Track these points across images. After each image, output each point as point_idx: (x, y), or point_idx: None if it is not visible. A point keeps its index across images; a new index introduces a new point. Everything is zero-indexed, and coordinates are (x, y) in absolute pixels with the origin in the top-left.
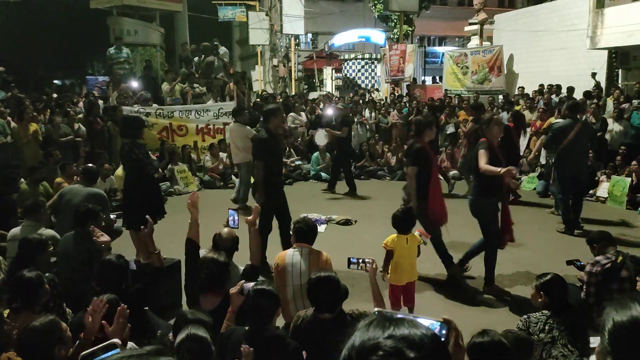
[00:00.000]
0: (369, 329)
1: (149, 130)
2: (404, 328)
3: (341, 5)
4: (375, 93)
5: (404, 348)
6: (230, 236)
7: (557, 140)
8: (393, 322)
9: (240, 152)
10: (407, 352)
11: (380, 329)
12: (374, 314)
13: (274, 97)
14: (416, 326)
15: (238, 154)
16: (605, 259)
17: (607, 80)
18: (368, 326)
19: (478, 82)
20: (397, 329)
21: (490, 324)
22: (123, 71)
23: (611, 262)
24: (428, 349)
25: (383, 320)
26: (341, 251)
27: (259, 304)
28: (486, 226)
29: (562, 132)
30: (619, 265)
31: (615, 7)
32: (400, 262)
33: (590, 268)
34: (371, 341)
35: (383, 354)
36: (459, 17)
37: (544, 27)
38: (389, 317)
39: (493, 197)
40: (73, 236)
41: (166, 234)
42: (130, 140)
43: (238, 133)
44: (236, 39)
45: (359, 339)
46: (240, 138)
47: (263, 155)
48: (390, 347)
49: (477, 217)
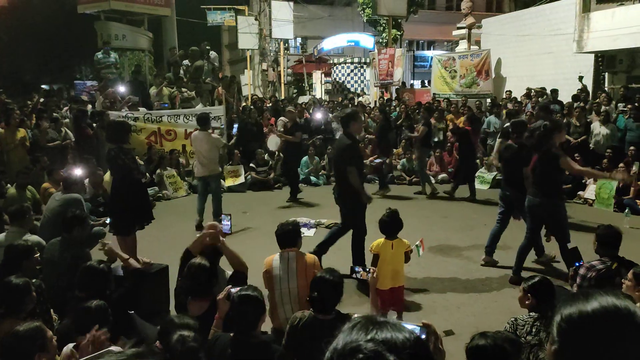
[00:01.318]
0: (352, 331)
1: (137, 135)
2: (387, 332)
3: (330, 10)
4: (364, 97)
5: (384, 351)
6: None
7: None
8: (377, 326)
9: (210, 164)
10: (386, 355)
11: (364, 331)
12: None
13: (263, 101)
14: (400, 330)
15: (207, 165)
16: (601, 263)
17: (593, 83)
18: (352, 329)
19: (466, 86)
20: (380, 332)
21: (479, 326)
22: (111, 75)
23: (606, 268)
24: (408, 352)
25: (367, 324)
26: (330, 255)
27: (244, 310)
28: (563, 224)
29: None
30: (614, 271)
31: (601, 12)
32: (383, 267)
33: (585, 272)
34: (353, 344)
35: (363, 356)
36: (447, 21)
37: (531, 31)
38: (374, 320)
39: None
40: (59, 242)
41: (154, 239)
42: (116, 145)
43: (206, 142)
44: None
45: (342, 341)
46: (208, 148)
47: (354, 160)
48: (370, 350)
49: (551, 217)
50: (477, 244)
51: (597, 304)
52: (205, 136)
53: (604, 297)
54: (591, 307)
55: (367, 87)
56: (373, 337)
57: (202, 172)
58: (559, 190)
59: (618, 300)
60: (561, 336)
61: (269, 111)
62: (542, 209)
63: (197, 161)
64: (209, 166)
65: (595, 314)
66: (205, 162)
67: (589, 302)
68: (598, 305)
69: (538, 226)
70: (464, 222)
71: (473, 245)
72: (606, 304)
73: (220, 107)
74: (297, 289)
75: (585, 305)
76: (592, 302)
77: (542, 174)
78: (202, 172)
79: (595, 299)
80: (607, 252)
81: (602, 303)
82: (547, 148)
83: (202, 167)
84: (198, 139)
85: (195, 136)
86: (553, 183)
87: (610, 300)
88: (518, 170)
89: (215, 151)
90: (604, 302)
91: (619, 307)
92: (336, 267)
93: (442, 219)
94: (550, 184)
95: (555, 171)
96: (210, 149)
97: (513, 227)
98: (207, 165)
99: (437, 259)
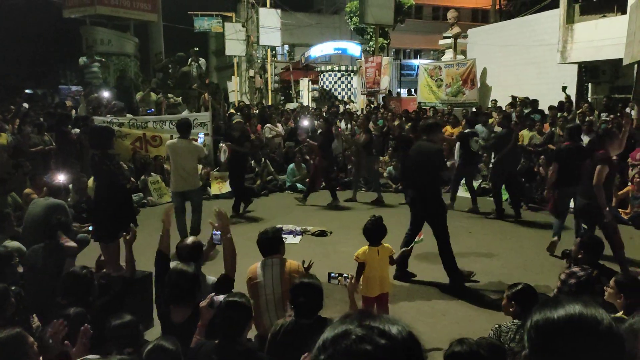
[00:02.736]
0: (344, 321)
1: (122, 141)
2: (379, 323)
3: (317, 18)
4: (351, 104)
5: (375, 335)
6: (192, 244)
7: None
8: (370, 317)
9: (190, 177)
10: (377, 339)
11: (356, 320)
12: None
13: (249, 107)
14: (394, 323)
15: (187, 179)
16: (582, 270)
17: (577, 94)
18: (343, 319)
19: (452, 95)
20: (372, 322)
21: (463, 333)
22: (96, 81)
23: (587, 275)
24: (401, 340)
25: (360, 315)
26: (316, 262)
27: (231, 317)
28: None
29: (501, 139)
30: (594, 278)
31: (584, 23)
32: (371, 274)
33: (566, 278)
34: (343, 330)
35: (355, 338)
36: (434, 30)
37: (516, 41)
38: (367, 312)
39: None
40: (42, 249)
41: (138, 246)
42: (100, 151)
43: (188, 152)
44: (212, 49)
45: (333, 330)
46: (190, 158)
47: (444, 165)
48: (361, 333)
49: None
50: (462, 252)
51: (564, 312)
52: (187, 145)
53: (572, 305)
54: (557, 314)
55: (355, 94)
56: (364, 324)
57: (182, 187)
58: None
59: (585, 308)
60: (530, 342)
61: (255, 118)
62: (590, 209)
63: (174, 173)
64: (189, 180)
65: (561, 321)
66: (185, 174)
67: (557, 310)
68: (564, 312)
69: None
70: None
71: (458, 252)
72: (572, 311)
73: (206, 113)
74: (281, 295)
75: (552, 313)
76: (560, 309)
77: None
78: (181, 187)
79: (562, 306)
80: (589, 260)
81: (569, 311)
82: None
83: (182, 181)
84: (178, 148)
85: (173, 145)
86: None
87: (577, 308)
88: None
89: (196, 162)
90: (570, 309)
91: (585, 315)
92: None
93: (427, 227)
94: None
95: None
96: (192, 159)
97: (498, 234)
98: (187, 178)
99: (423, 266)
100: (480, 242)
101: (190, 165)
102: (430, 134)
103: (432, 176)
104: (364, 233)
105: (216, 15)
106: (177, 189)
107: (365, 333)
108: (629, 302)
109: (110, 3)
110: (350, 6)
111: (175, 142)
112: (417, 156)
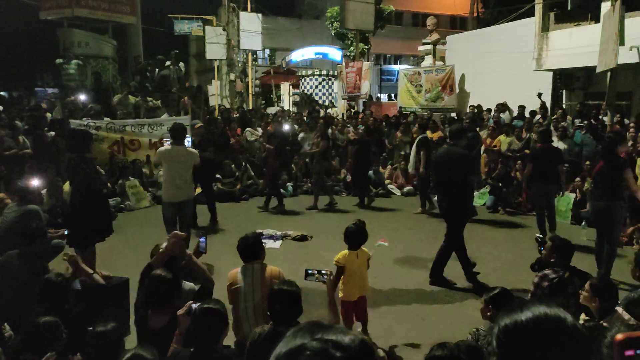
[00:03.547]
0: (296, 335)
1: (99, 145)
2: (332, 334)
3: (298, 22)
4: (333, 109)
5: (330, 348)
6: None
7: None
8: (322, 329)
9: (186, 186)
10: (333, 352)
11: (309, 334)
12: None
13: (229, 111)
14: (345, 333)
15: (184, 187)
16: (554, 272)
17: (552, 100)
18: (295, 333)
19: (431, 100)
20: (325, 334)
21: (443, 337)
22: (73, 83)
23: (559, 277)
24: (355, 352)
25: (312, 327)
26: (297, 267)
27: (206, 324)
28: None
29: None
30: (566, 280)
31: (559, 31)
32: (351, 278)
33: (539, 281)
34: (297, 345)
35: (309, 353)
36: (413, 37)
37: (493, 49)
38: (319, 324)
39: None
40: (18, 256)
41: (114, 251)
42: (77, 154)
43: (184, 159)
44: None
45: (286, 345)
46: (187, 166)
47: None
48: (316, 347)
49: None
50: None
51: (530, 313)
52: (183, 151)
53: (537, 307)
54: (525, 316)
55: (335, 99)
56: (318, 338)
57: (179, 196)
58: (622, 192)
59: (548, 308)
60: (499, 346)
61: (236, 122)
62: (606, 211)
63: (170, 183)
64: (185, 188)
65: (529, 322)
66: (181, 183)
67: (523, 312)
68: (531, 314)
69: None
70: (428, 234)
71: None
72: (538, 312)
73: (186, 117)
74: (262, 301)
75: (519, 315)
76: (526, 311)
77: (611, 179)
78: (178, 196)
79: (528, 308)
80: (560, 262)
81: (534, 312)
82: (615, 156)
83: (178, 190)
84: (174, 155)
85: (168, 152)
86: (618, 187)
87: (541, 309)
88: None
89: (191, 169)
90: (536, 311)
91: (549, 315)
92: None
93: (407, 231)
94: (616, 187)
95: (621, 176)
96: (189, 166)
97: (476, 239)
98: (183, 187)
99: (403, 270)
100: None
101: (187, 173)
102: (456, 139)
103: (460, 180)
104: (345, 237)
105: (197, 19)
106: (172, 199)
107: (320, 347)
108: (603, 305)
109: (88, 5)
110: (331, 11)
111: (170, 148)
112: (445, 161)
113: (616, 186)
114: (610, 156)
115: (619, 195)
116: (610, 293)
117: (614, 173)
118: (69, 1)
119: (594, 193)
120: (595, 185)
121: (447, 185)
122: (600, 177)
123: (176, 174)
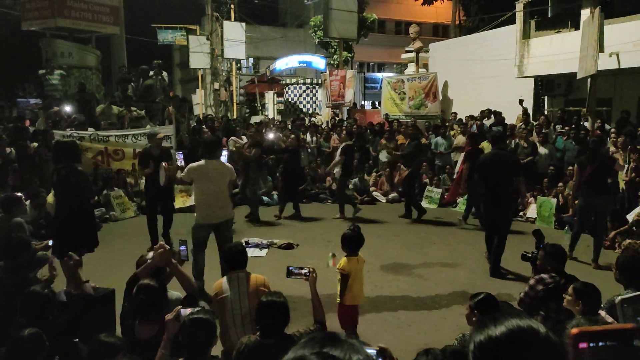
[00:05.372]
0: (306, 345)
1: (83, 155)
2: (341, 350)
3: (282, 31)
4: (316, 117)
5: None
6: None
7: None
8: (332, 342)
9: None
10: None
11: (317, 346)
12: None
13: (213, 120)
14: (357, 351)
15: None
16: (550, 277)
17: (534, 106)
18: (306, 343)
19: (415, 108)
20: (333, 349)
21: (429, 343)
22: (56, 94)
23: (555, 283)
24: None
25: (323, 339)
26: (283, 275)
27: (195, 334)
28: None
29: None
30: (562, 286)
31: (540, 38)
32: (355, 284)
33: (534, 283)
34: (299, 355)
35: None
36: (396, 44)
37: (475, 56)
38: (332, 336)
39: None
40: (1, 268)
41: (100, 261)
42: (65, 164)
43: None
44: (177, 62)
45: (293, 353)
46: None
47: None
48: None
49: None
50: (427, 262)
51: (504, 327)
52: (219, 167)
53: (510, 321)
54: (499, 331)
55: (319, 107)
56: (322, 352)
57: (218, 217)
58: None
59: (521, 321)
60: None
61: (220, 131)
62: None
63: (205, 202)
64: (226, 207)
65: (503, 336)
66: (223, 202)
67: (497, 327)
68: (505, 328)
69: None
70: (414, 241)
71: (423, 263)
72: (511, 326)
73: (170, 126)
74: (248, 309)
75: (493, 330)
76: (499, 326)
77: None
78: (219, 217)
79: (501, 323)
80: (556, 268)
81: (508, 326)
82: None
83: (220, 210)
84: (210, 171)
85: (202, 168)
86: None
87: (514, 322)
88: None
89: (227, 186)
90: (509, 325)
91: (522, 327)
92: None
93: (393, 237)
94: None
95: (611, 173)
96: (224, 183)
97: (462, 244)
98: (225, 205)
99: (389, 277)
100: (444, 252)
101: (226, 190)
102: (497, 143)
103: (508, 182)
104: (343, 243)
105: (180, 28)
106: (209, 221)
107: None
108: (586, 308)
109: (71, 15)
110: (314, 20)
111: (203, 164)
112: (494, 164)
113: (606, 182)
114: (598, 157)
115: (610, 189)
116: (593, 297)
117: (605, 170)
118: (51, 12)
119: (589, 190)
120: (590, 184)
121: (495, 187)
122: (592, 177)
123: (211, 192)
